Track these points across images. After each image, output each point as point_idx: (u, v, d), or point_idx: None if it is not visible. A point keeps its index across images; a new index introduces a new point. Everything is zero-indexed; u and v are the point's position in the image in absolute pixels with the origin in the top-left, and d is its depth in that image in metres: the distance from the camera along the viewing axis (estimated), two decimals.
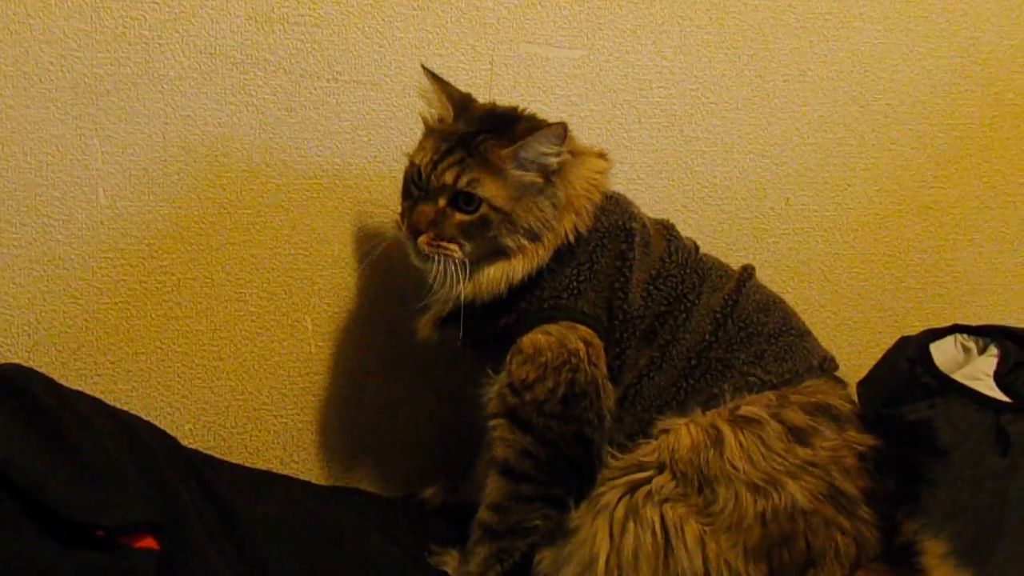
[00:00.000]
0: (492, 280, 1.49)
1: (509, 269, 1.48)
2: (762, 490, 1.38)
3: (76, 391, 1.47)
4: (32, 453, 1.25)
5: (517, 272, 1.48)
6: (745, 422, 1.41)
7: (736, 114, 1.89)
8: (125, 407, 1.55)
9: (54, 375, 1.45)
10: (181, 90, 1.62)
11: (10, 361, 1.59)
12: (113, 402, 1.53)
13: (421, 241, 1.46)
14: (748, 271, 1.58)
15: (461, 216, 1.45)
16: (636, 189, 1.61)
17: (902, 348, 1.64)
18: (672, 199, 1.88)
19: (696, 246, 1.61)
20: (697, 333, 1.49)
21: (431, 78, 1.52)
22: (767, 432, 1.40)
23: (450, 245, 1.45)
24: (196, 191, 1.66)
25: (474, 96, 1.56)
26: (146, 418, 1.55)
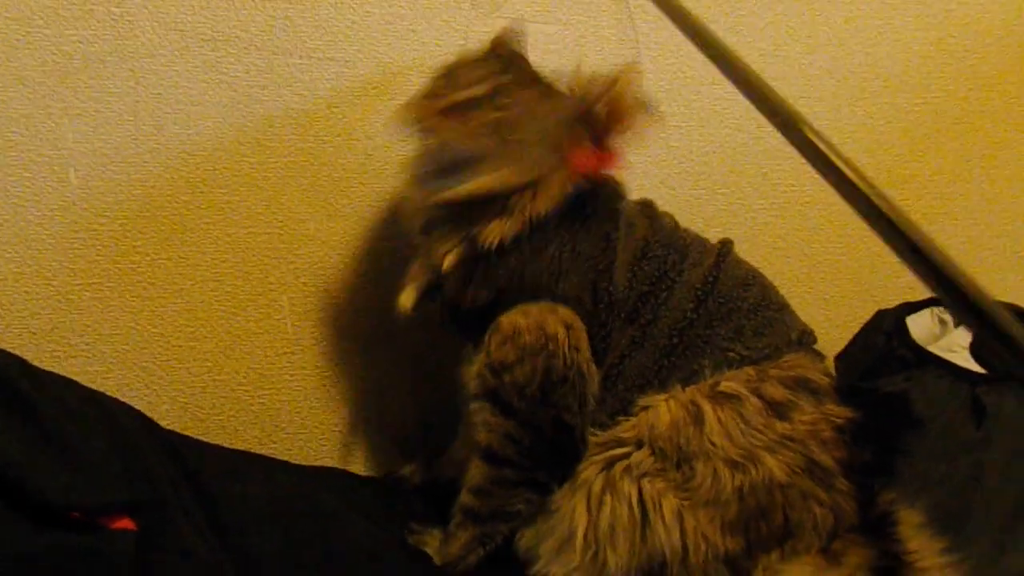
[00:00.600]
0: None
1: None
2: (740, 465, 1.38)
3: (50, 373, 1.46)
4: (6, 434, 1.24)
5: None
6: (725, 398, 1.41)
7: (712, 88, 1.88)
8: (100, 388, 1.54)
9: (27, 357, 1.44)
10: (152, 68, 1.60)
11: None
12: (88, 384, 1.52)
13: None
14: (727, 245, 1.57)
15: None
16: None
17: (879, 321, 1.64)
18: (649, 174, 1.88)
19: (675, 222, 1.60)
20: (678, 311, 1.48)
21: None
22: (746, 408, 1.41)
23: None
24: (169, 170, 1.65)
25: None
26: (122, 399, 1.54)
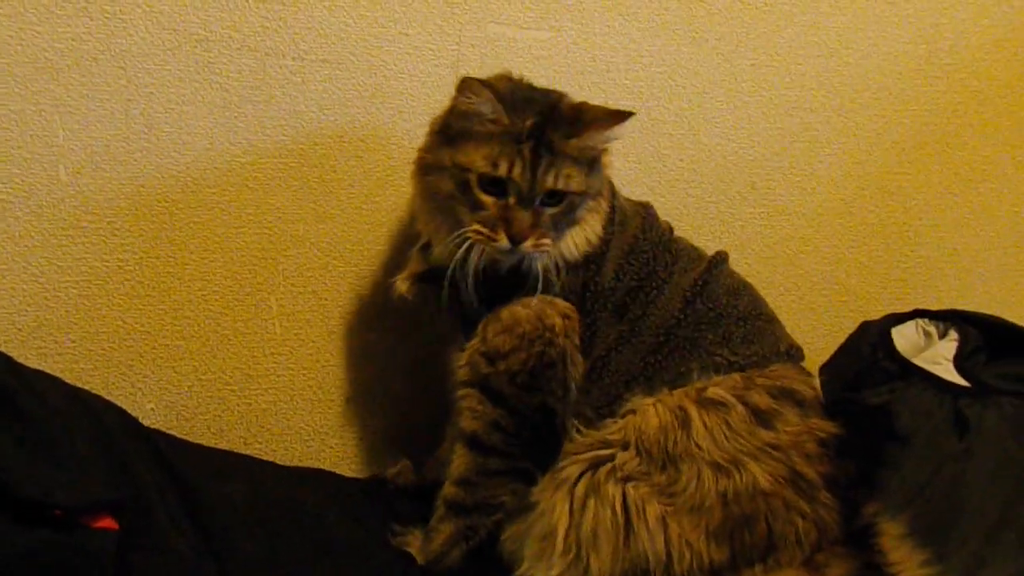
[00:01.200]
0: (575, 244, 1.50)
1: (586, 229, 1.50)
2: (724, 470, 1.39)
3: (36, 370, 1.46)
4: None
5: (595, 229, 1.51)
6: (711, 404, 1.43)
7: (703, 98, 1.89)
8: (86, 386, 1.54)
9: (13, 354, 1.44)
10: (144, 67, 1.60)
11: None
12: (74, 381, 1.52)
13: (527, 247, 1.43)
14: (721, 256, 1.60)
15: (551, 211, 1.44)
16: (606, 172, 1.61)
17: (864, 333, 1.65)
18: (639, 182, 1.89)
19: (671, 228, 1.63)
20: (667, 310, 1.51)
21: (480, 86, 1.42)
22: (732, 414, 1.42)
23: (546, 240, 1.44)
24: (159, 169, 1.64)
25: (493, 82, 1.48)
26: (107, 398, 1.54)
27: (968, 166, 2.08)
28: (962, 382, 1.51)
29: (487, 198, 1.43)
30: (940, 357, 1.57)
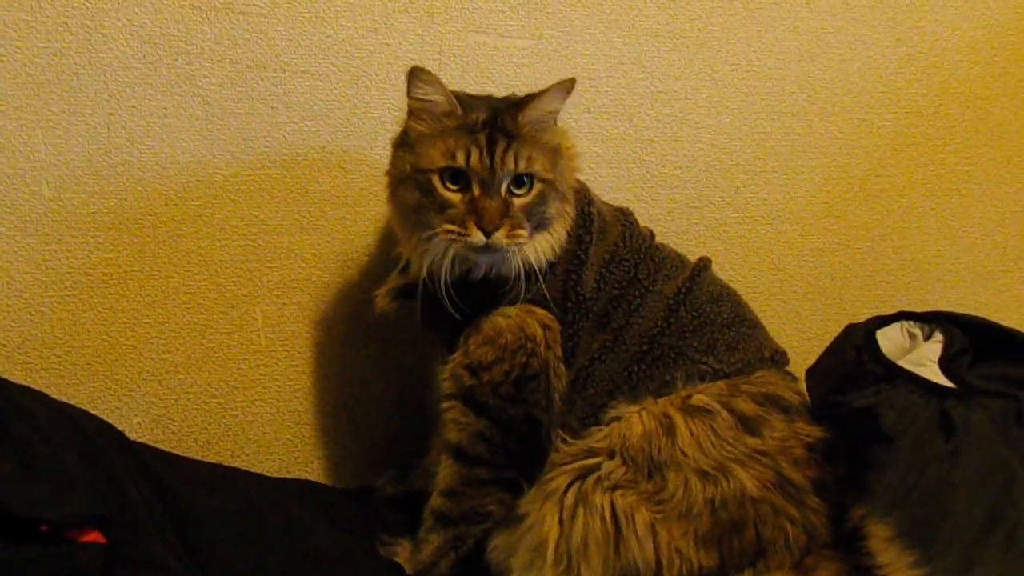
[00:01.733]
0: (542, 250, 1.49)
1: (552, 236, 1.49)
2: (711, 477, 1.39)
3: (21, 385, 1.46)
4: None
5: (560, 234, 1.50)
6: (697, 411, 1.43)
7: (685, 103, 1.89)
8: (72, 401, 1.54)
9: None
10: (125, 80, 1.60)
11: None
12: (59, 396, 1.51)
13: (501, 238, 1.41)
14: (704, 262, 1.60)
15: (520, 200, 1.44)
16: (586, 179, 1.61)
17: (849, 335, 1.65)
18: (622, 188, 1.89)
19: (652, 234, 1.62)
20: (650, 319, 1.50)
21: (429, 73, 1.43)
22: (718, 421, 1.42)
23: (520, 231, 1.43)
24: (142, 182, 1.64)
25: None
26: (93, 412, 1.54)
27: (950, 168, 2.09)
28: (948, 383, 1.52)
29: (452, 195, 1.43)
30: (925, 359, 1.58)
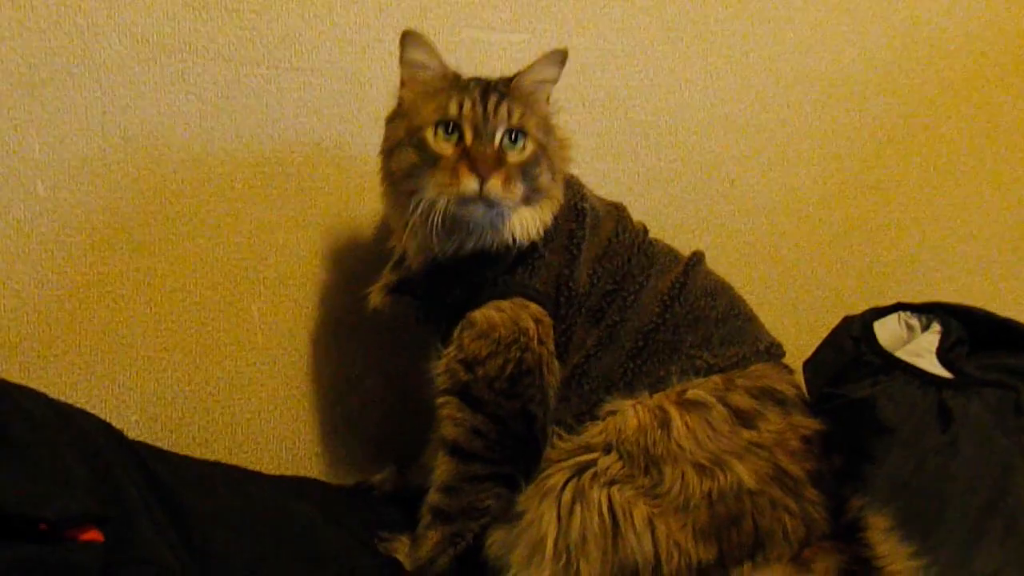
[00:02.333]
0: (530, 224, 1.49)
1: (539, 213, 1.49)
2: (708, 470, 1.39)
3: (18, 384, 1.45)
4: None
5: (547, 216, 1.50)
6: (692, 405, 1.42)
7: (680, 96, 1.89)
8: (69, 400, 1.53)
9: None
10: (119, 79, 1.60)
11: None
12: (57, 395, 1.50)
13: (495, 187, 1.41)
14: (697, 256, 1.59)
15: (515, 156, 1.45)
16: (581, 172, 1.61)
17: (846, 327, 1.65)
18: (618, 182, 1.89)
19: (646, 229, 1.62)
20: (644, 314, 1.50)
21: (423, 42, 1.48)
22: (713, 415, 1.42)
23: (516, 187, 1.44)
24: (137, 181, 1.64)
25: None
26: (91, 411, 1.53)
27: (946, 159, 2.09)
28: (945, 374, 1.52)
29: (445, 145, 1.44)
30: (923, 349, 1.58)
